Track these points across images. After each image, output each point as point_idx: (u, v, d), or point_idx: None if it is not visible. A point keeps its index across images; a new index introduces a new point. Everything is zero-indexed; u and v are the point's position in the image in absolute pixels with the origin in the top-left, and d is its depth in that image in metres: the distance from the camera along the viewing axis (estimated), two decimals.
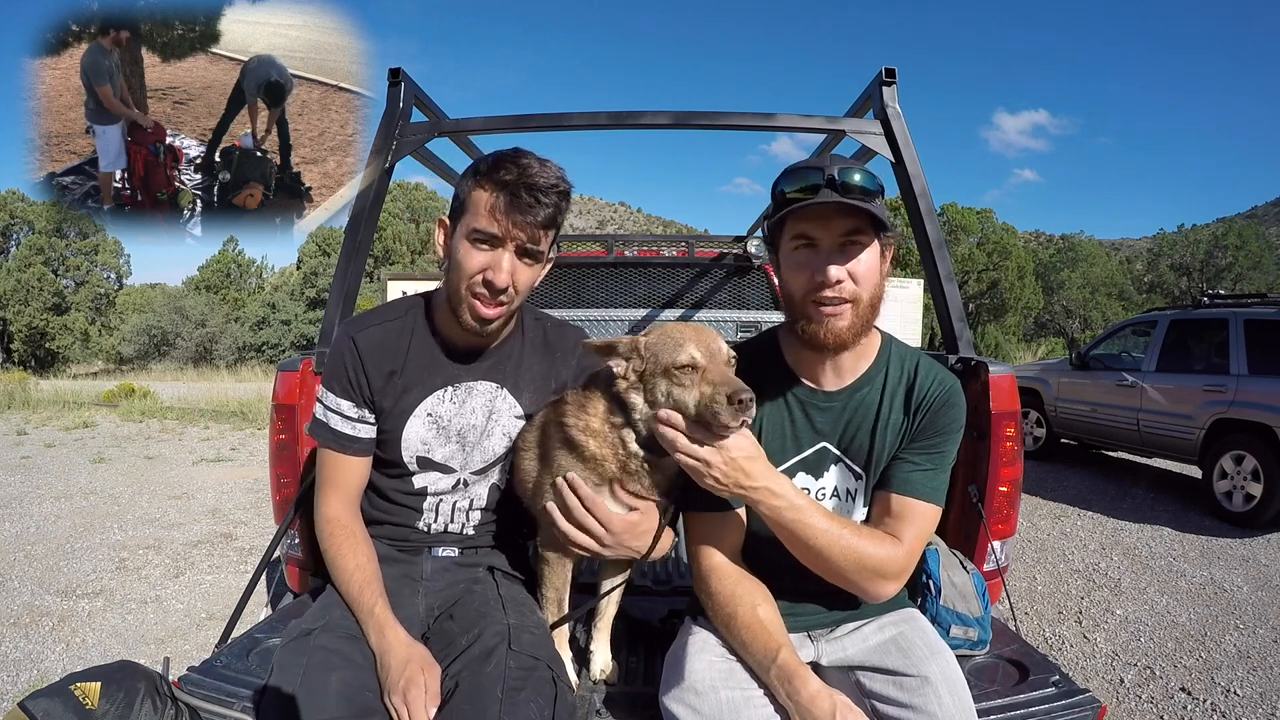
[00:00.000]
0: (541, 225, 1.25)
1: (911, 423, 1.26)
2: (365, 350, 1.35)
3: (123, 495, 5.71)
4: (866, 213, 1.14)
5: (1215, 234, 30.66)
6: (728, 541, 1.25)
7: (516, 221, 1.23)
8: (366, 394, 1.36)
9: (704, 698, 1.11)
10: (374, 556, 1.33)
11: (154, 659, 2.58)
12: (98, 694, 1.19)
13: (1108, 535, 4.86)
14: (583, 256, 4.00)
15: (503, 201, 1.22)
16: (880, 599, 1.21)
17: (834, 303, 1.16)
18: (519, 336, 1.46)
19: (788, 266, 1.21)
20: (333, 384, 1.37)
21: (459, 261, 1.27)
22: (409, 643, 1.19)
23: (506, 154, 1.27)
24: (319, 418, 1.38)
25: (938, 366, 1.29)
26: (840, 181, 1.14)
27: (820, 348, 1.20)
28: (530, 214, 1.22)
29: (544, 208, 1.23)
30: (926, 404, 1.25)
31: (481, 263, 1.25)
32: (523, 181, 1.21)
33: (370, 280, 23.63)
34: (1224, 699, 2.70)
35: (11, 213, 33.94)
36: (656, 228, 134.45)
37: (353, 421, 1.36)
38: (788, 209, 1.17)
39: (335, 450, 1.37)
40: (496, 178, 1.23)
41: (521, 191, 1.21)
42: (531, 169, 1.23)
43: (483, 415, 1.40)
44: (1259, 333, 5.11)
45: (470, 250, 1.26)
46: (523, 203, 1.22)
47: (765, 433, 1.26)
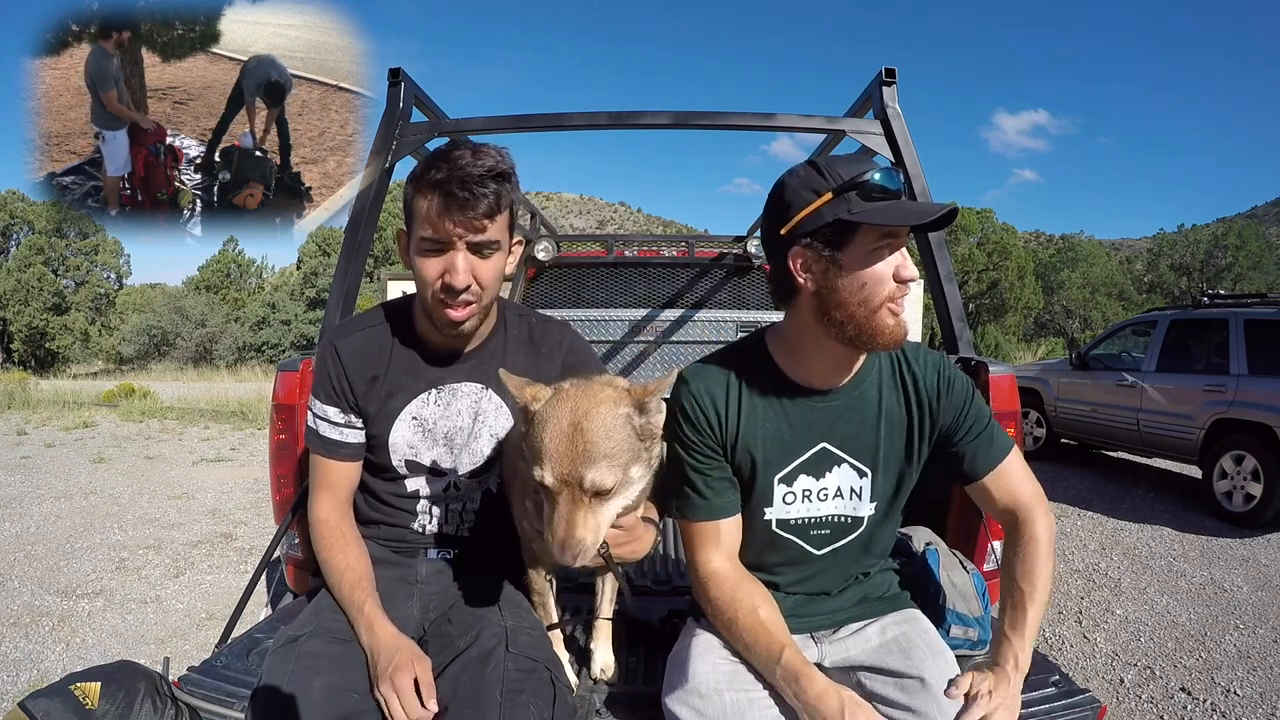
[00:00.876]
0: (484, 215, 1.19)
1: (921, 414, 1.24)
2: (347, 357, 1.35)
3: (123, 495, 5.71)
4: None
5: (1215, 234, 30.65)
6: (724, 546, 1.24)
7: (457, 220, 1.19)
8: (351, 400, 1.36)
9: (708, 700, 1.10)
10: (365, 556, 1.33)
11: (154, 659, 2.58)
12: (98, 694, 1.19)
13: (1108, 535, 4.86)
14: (583, 256, 4.00)
15: (438, 203, 1.18)
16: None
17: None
18: (501, 335, 1.43)
19: (869, 266, 1.11)
20: (319, 391, 1.37)
21: (418, 273, 1.26)
22: (397, 635, 1.19)
23: (439, 151, 1.23)
24: (309, 424, 1.38)
25: (922, 349, 1.28)
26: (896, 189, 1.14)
27: (893, 345, 1.16)
28: (469, 208, 1.18)
29: (482, 198, 1.18)
30: (929, 386, 1.24)
31: (437, 269, 1.23)
32: (455, 177, 1.17)
33: (370, 280, 23.63)
34: (1224, 699, 2.70)
35: (11, 213, 33.95)
36: (656, 228, 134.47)
37: (340, 427, 1.36)
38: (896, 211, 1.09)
39: (324, 456, 1.37)
40: (429, 179, 1.19)
41: (455, 188, 1.17)
42: (462, 160, 1.18)
43: (468, 417, 1.39)
44: (1259, 333, 5.11)
45: (424, 260, 1.24)
46: (459, 199, 1.17)
47: (763, 440, 1.23)
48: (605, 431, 1.01)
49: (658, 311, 3.58)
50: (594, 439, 1.00)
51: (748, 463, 1.24)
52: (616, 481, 1.01)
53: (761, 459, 1.23)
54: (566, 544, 0.98)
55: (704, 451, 1.23)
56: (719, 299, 3.65)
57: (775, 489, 1.25)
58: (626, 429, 1.03)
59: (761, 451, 1.23)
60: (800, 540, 1.27)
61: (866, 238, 1.11)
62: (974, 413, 1.24)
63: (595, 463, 0.99)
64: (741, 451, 1.23)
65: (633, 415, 1.05)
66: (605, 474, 0.99)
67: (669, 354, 3.55)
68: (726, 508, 1.24)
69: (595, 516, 1.00)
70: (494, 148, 1.24)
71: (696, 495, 1.23)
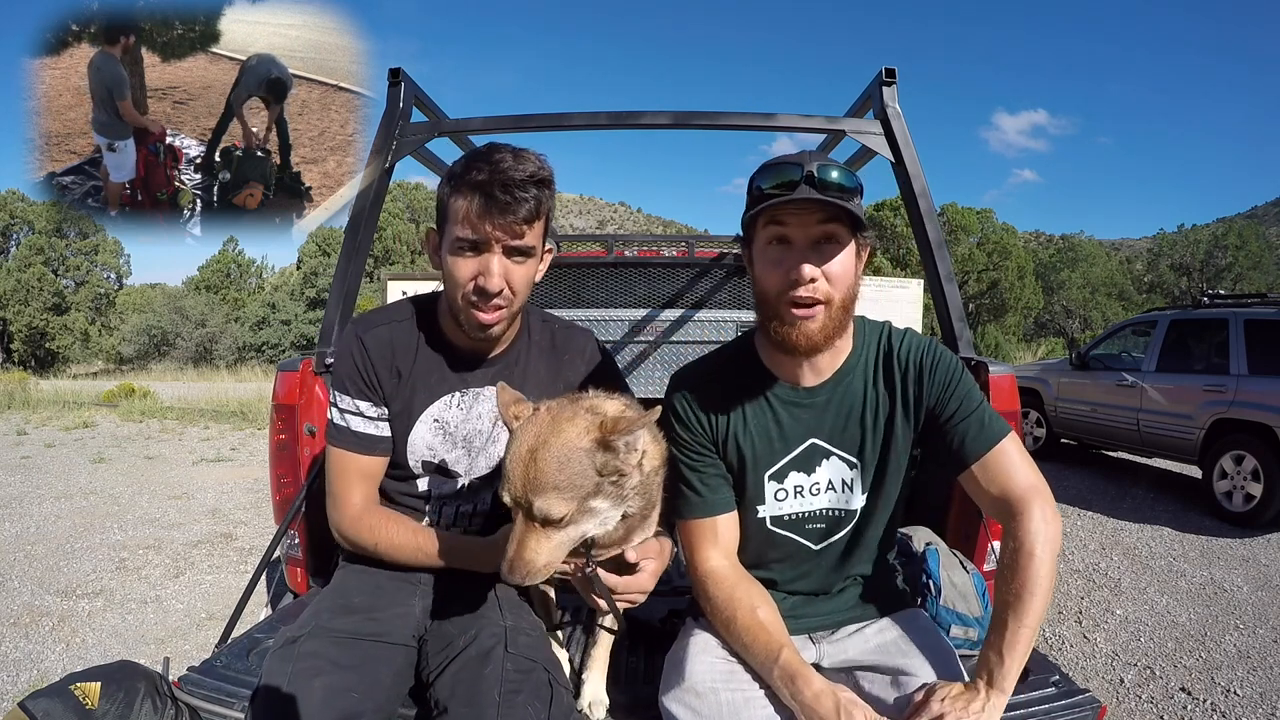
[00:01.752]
0: (524, 220, 1.19)
1: (905, 398, 1.22)
2: (373, 349, 1.34)
3: (123, 495, 5.71)
4: (845, 211, 1.11)
5: (1215, 234, 30.65)
6: (722, 545, 1.24)
7: (496, 223, 1.18)
8: (380, 392, 1.34)
9: (704, 699, 1.11)
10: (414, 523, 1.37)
11: (154, 659, 2.58)
12: (98, 694, 1.19)
13: (1108, 535, 4.85)
14: (583, 256, 4.00)
15: (479, 204, 1.17)
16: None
17: (807, 303, 1.12)
18: (525, 340, 1.43)
19: (761, 263, 1.17)
20: (347, 386, 1.34)
21: (449, 273, 1.24)
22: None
23: (479, 152, 1.22)
24: (338, 423, 1.34)
25: (908, 330, 1.27)
26: (819, 179, 1.10)
27: (791, 350, 1.16)
28: (510, 212, 1.17)
29: (523, 203, 1.18)
30: (913, 368, 1.22)
31: (471, 271, 1.22)
32: (496, 179, 1.16)
33: (370, 280, 23.63)
34: (1224, 699, 2.70)
35: (11, 213, 33.93)
36: (656, 228, 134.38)
37: (374, 421, 1.34)
38: (764, 204, 1.13)
39: (359, 453, 1.34)
40: (470, 180, 1.18)
41: (496, 190, 1.16)
42: (504, 164, 1.17)
43: (489, 421, 1.39)
44: (1259, 333, 5.11)
45: (457, 260, 1.23)
46: (500, 202, 1.16)
47: (753, 438, 1.24)
48: (559, 463, 1.01)
49: (658, 311, 3.58)
50: (545, 469, 1.01)
51: (736, 460, 1.24)
52: (568, 512, 1.02)
53: (751, 457, 1.24)
54: (514, 564, 1.01)
55: (696, 449, 1.24)
56: (719, 299, 3.65)
57: (766, 486, 1.25)
58: (584, 462, 1.03)
59: (751, 449, 1.24)
60: (796, 535, 1.28)
61: (761, 235, 1.17)
62: (962, 393, 1.20)
63: (543, 492, 1.01)
64: (731, 449, 1.24)
65: (594, 451, 1.03)
66: (553, 504, 1.01)
67: (669, 354, 3.55)
68: (722, 504, 1.24)
69: (547, 541, 1.02)
70: (534, 153, 1.22)
71: (692, 493, 1.23)
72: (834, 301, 1.13)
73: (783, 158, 1.17)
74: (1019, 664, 1.05)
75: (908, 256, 23.81)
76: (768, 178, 1.15)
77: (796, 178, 1.11)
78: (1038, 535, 1.09)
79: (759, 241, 1.18)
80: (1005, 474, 1.15)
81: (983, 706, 1.02)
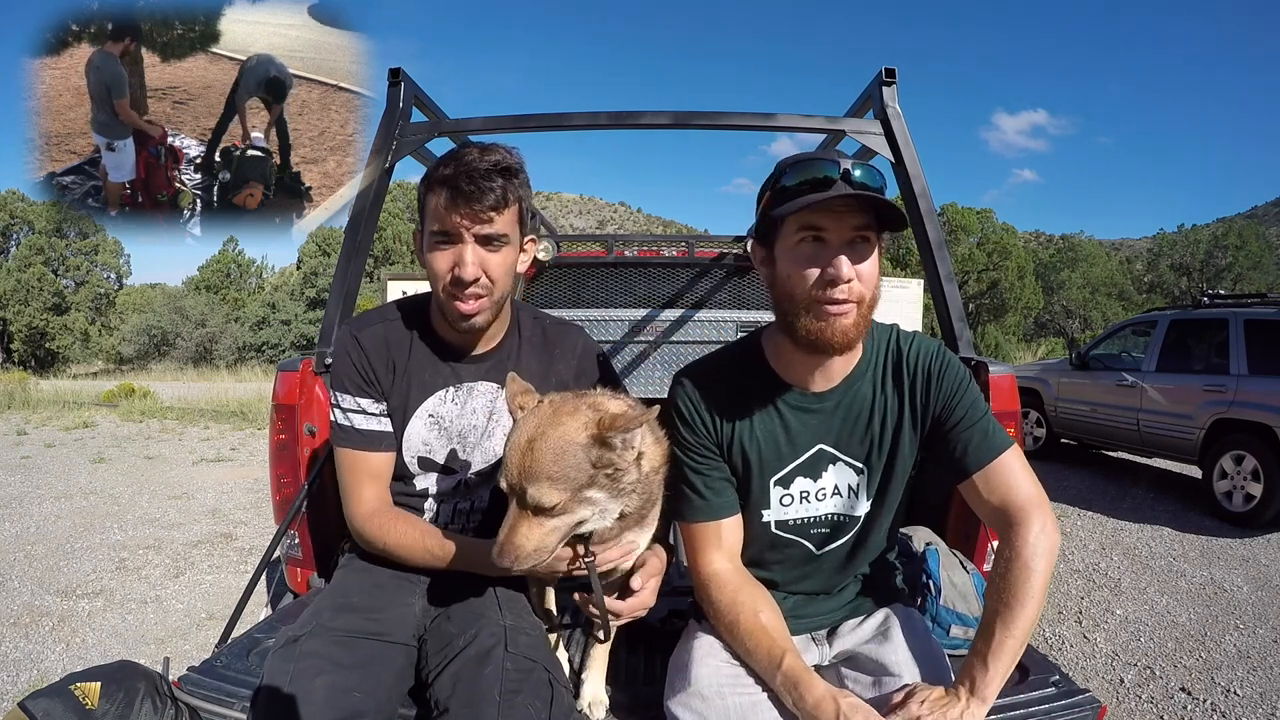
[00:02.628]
0: (491, 208, 1.24)
1: (913, 403, 1.21)
2: (369, 346, 1.37)
3: (123, 495, 5.71)
4: (876, 210, 1.09)
5: (1215, 234, 30.68)
6: (725, 547, 1.23)
7: (464, 213, 1.23)
8: (379, 388, 1.37)
9: (710, 703, 1.10)
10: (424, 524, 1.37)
11: (154, 659, 2.58)
12: (98, 694, 1.19)
13: (1108, 535, 4.86)
14: (583, 256, 4.00)
15: (446, 197, 1.23)
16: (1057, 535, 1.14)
17: (842, 302, 1.09)
18: (516, 336, 1.45)
19: (791, 260, 1.13)
20: (347, 385, 1.36)
21: (430, 268, 1.29)
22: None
23: (450, 152, 1.28)
24: (341, 423, 1.36)
25: (919, 337, 1.26)
26: (853, 176, 1.09)
27: (825, 349, 1.13)
28: (476, 201, 1.22)
29: (488, 192, 1.22)
30: (922, 373, 1.21)
31: (448, 263, 1.27)
32: (462, 172, 1.22)
33: (370, 280, 23.63)
34: (1224, 699, 2.70)
35: (11, 213, 33.94)
36: (656, 228, 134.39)
37: (377, 417, 1.37)
38: (805, 201, 1.08)
39: (366, 450, 1.36)
40: (438, 176, 1.24)
41: (462, 182, 1.21)
42: (468, 156, 1.23)
43: (483, 416, 1.41)
44: (1259, 333, 5.11)
45: (434, 254, 1.27)
46: (465, 192, 1.22)
47: (759, 443, 1.23)
48: (554, 454, 1.04)
49: (658, 311, 3.58)
50: (540, 458, 1.04)
51: (741, 464, 1.23)
52: (560, 501, 1.04)
53: (756, 461, 1.23)
54: (504, 548, 1.04)
55: (700, 452, 1.23)
56: (719, 299, 3.65)
57: (771, 491, 1.24)
58: (579, 456, 1.05)
59: (756, 454, 1.22)
60: (801, 539, 1.27)
61: (788, 230, 1.13)
62: (968, 402, 1.19)
63: (537, 480, 1.04)
64: (736, 453, 1.23)
65: (590, 445, 1.06)
66: (545, 492, 1.03)
67: (669, 354, 3.55)
68: (726, 507, 1.23)
69: (538, 528, 1.05)
70: (503, 146, 1.27)
71: (696, 496, 1.23)
72: (865, 301, 1.12)
73: (813, 154, 1.15)
74: (1004, 673, 1.05)
75: (908, 256, 23.79)
76: (801, 173, 1.11)
77: (835, 174, 1.09)
78: (1035, 547, 1.08)
79: (787, 239, 1.13)
80: (1006, 485, 1.15)
81: (960, 713, 1.01)
